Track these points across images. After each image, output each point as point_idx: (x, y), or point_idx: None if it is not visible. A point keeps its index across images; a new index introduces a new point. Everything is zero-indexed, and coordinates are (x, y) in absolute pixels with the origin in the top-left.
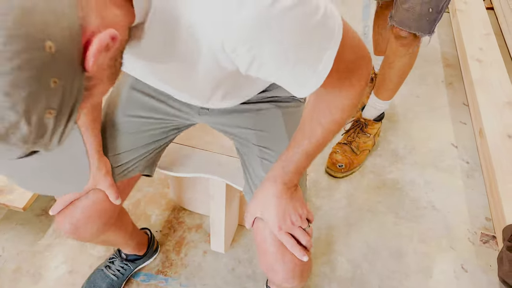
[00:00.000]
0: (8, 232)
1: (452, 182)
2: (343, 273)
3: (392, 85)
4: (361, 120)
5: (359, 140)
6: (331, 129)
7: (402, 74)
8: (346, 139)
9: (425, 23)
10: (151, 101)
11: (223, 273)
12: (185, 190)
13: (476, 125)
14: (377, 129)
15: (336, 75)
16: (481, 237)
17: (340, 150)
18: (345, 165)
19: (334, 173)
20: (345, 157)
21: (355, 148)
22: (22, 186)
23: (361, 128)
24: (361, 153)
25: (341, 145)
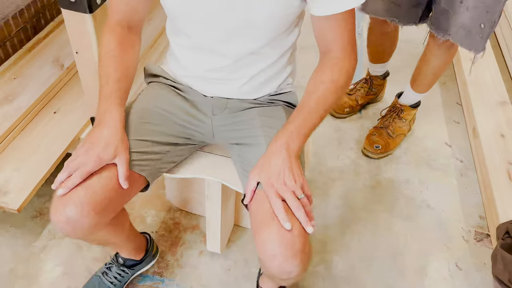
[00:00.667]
0: (3, 234)
1: (446, 181)
2: (338, 272)
3: (427, 81)
4: (397, 106)
5: (395, 125)
6: (330, 89)
7: (438, 71)
8: (382, 123)
9: (478, 39)
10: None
11: (219, 274)
12: (181, 191)
13: (470, 124)
14: (412, 115)
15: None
16: (475, 235)
17: (377, 133)
18: (382, 146)
19: (371, 154)
20: (381, 139)
21: (391, 132)
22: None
23: (397, 114)
24: (397, 137)
25: (377, 128)
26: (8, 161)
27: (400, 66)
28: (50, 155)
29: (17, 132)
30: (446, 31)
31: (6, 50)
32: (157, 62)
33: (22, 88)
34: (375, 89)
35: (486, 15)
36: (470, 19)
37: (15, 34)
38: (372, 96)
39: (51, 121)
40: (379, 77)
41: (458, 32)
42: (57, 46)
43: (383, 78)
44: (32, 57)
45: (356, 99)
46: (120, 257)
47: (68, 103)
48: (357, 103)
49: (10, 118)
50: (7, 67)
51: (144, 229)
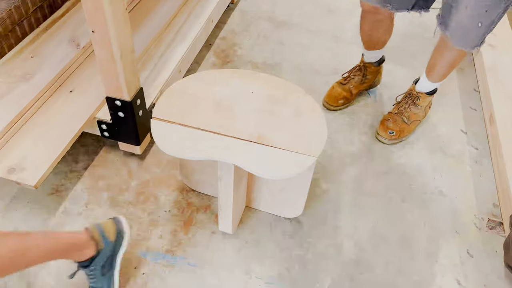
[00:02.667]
0: (20, 210)
1: (460, 168)
2: (348, 255)
3: (442, 72)
4: (414, 93)
5: (410, 111)
6: None
7: (453, 63)
8: (397, 110)
9: (473, 37)
10: None
11: (230, 253)
12: (193, 171)
13: (487, 111)
14: (428, 102)
15: None
16: (488, 223)
17: (391, 119)
18: (396, 132)
19: (384, 140)
20: (396, 125)
21: (406, 118)
22: None
23: (413, 101)
24: (411, 123)
25: (392, 114)
26: (25, 138)
27: (416, 51)
28: (66, 133)
29: (34, 110)
30: (447, 26)
31: (23, 28)
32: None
33: (39, 66)
34: (369, 76)
35: (484, 14)
36: (468, 17)
37: (32, 13)
38: (367, 84)
39: (67, 99)
40: (373, 64)
41: (455, 29)
42: (73, 25)
43: (377, 65)
44: (49, 36)
45: (350, 89)
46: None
47: (83, 82)
48: (351, 94)
49: (27, 96)
50: (24, 46)
51: (157, 208)
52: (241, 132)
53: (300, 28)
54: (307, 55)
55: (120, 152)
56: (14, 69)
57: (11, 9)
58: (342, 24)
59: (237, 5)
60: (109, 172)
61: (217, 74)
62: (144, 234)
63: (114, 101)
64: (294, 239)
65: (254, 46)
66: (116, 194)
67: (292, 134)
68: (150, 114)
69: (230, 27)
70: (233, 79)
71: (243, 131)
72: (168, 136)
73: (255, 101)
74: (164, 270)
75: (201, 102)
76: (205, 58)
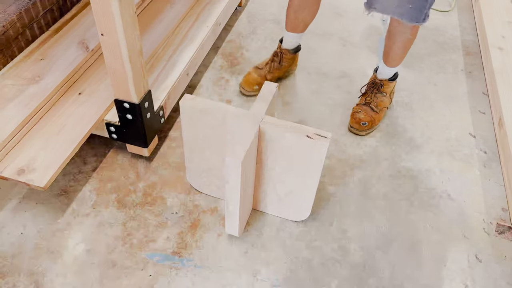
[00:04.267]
0: (29, 210)
1: (469, 172)
2: (355, 259)
3: (397, 56)
4: (377, 81)
5: (377, 99)
6: None
7: (406, 45)
8: (364, 100)
9: (409, 10)
10: None
11: (236, 256)
12: (200, 173)
13: (496, 115)
14: (392, 88)
15: None
16: (497, 227)
17: (361, 110)
18: (368, 122)
19: (358, 131)
20: (367, 115)
21: (375, 107)
22: None
23: (377, 88)
24: (380, 111)
25: (360, 105)
26: (35, 140)
27: (424, 54)
28: (75, 135)
29: (43, 112)
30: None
31: (33, 31)
32: (179, 45)
33: (49, 69)
34: (285, 64)
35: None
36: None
37: (41, 16)
38: (281, 71)
39: (76, 102)
40: (289, 51)
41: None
42: (82, 28)
43: (293, 53)
44: (58, 39)
45: (265, 75)
46: None
47: (92, 84)
48: (265, 79)
49: (36, 98)
50: (34, 48)
51: (164, 210)
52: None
53: (307, 31)
54: (314, 58)
55: (128, 154)
56: (24, 72)
57: (21, 12)
58: (350, 27)
59: (244, 8)
60: (117, 174)
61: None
62: (151, 235)
63: (123, 103)
64: (301, 242)
65: (262, 49)
66: (124, 196)
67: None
68: (158, 117)
69: (237, 30)
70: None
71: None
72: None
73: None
74: (171, 272)
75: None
76: (212, 61)
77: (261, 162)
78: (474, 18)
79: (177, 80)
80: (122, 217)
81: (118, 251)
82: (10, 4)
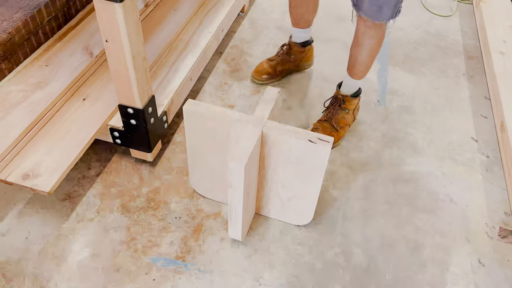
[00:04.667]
0: (34, 215)
1: (471, 176)
2: (357, 264)
3: (363, 66)
4: (339, 97)
5: (338, 116)
6: None
7: (372, 53)
8: (326, 116)
9: (386, 10)
10: None
11: (240, 260)
12: (203, 178)
13: (498, 119)
14: (355, 105)
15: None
16: (500, 231)
17: (321, 127)
18: None
19: None
20: (326, 132)
21: (335, 124)
22: None
23: (339, 105)
24: (341, 128)
25: (321, 122)
26: (39, 145)
27: (426, 59)
28: (79, 140)
29: (48, 118)
30: (360, 8)
31: (38, 37)
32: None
33: (54, 75)
34: (294, 56)
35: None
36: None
37: (47, 23)
38: (292, 64)
39: (80, 107)
40: (297, 44)
41: (370, 8)
42: (87, 34)
43: (302, 46)
44: (63, 45)
45: (275, 66)
46: None
47: (97, 90)
48: (275, 71)
49: (42, 104)
50: (39, 54)
51: (168, 214)
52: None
53: None
54: (316, 63)
55: (132, 159)
56: (29, 78)
57: (27, 18)
58: (351, 32)
59: (247, 14)
60: (121, 179)
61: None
62: (154, 240)
63: (127, 108)
64: (304, 246)
65: (264, 54)
66: (128, 201)
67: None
68: (161, 122)
69: (240, 36)
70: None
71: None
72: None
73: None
74: (175, 276)
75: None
76: (215, 66)
77: (264, 167)
78: (475, 23)
79: (180, 85)
80: (126, 221)
81: (122, 256)
82: (16, 11)
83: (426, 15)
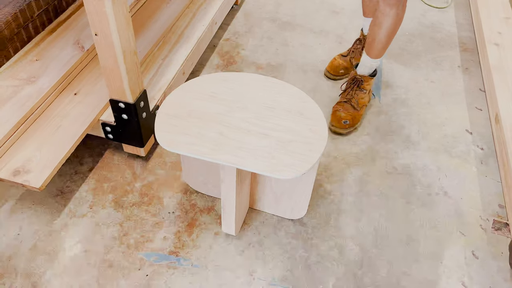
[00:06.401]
0: (25, 211)
1: (466, 169)
2: (352, 257)
3: (381, 45)
4: (357, 77)
5: (357, 96)
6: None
7: (391, 33)
8: (345, 98)
9: None
10: None
11: (233, 255)
12: (197, 173)
13: (492, 111)
14: (371, 85)
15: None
16: (494, 224)
17: (342, 108)
18: (349, 120)
19: (339, 130)
20: (348, 113)
21: (355, 104)
22: None
23: (358, 85)
24: (361, 108)
25: (341, 103)
26: (30, 141)
27: (421, 52)
28: (71, 136)
29: (39, 113)
30: None
31: (28, 32)
32: (175, 46)
33: (44, 69)
34: None
35: None
36: None
37: (37, 16)
38: None
39: (71, 102)
40: None
41: None
42: (77, 28)
43: None
44: (54, 39)
45: (350, 60)
46: None
47: (88, 85)
48: (351, 64)
49: (32, 99)
50: (29, 49)
51: (161, 210)
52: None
53: (304, 29)
54: (311, 56)
55: (125, 154)
56: (20, 72)
57: (17, 12)
58: (346, 24)
59: (241, 6)
60: (114, 174)
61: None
62: (148, 235)
63: (118, 103)
64: (298, 240)
65: (258, 47)
66: (121, 196)
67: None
68: (153, 116)
69: (234, 29)
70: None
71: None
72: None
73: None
74: (168, 271)
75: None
76: (209, 59)
77: None
78: (470, 15)
79: (172, 79)
80: (119, 217)
81: (115, 251)
82: (5, 5)
83: (421, 7)
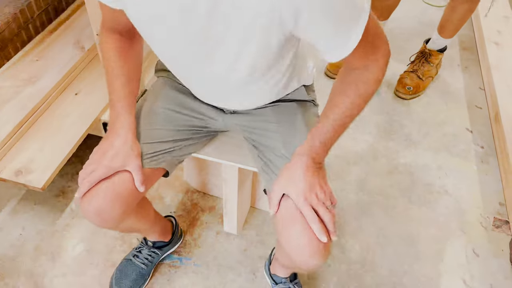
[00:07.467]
0: (28, 212)
1: (466, 167)
2: (353, 256)
3: (453, 27)
4: (426, 51)
5: (424, 68)
6: (356, 102)
7: (463, 17)
8: (412, 68)
9: None
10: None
11: (235, 254)
12: (198, 172)
13: (492, 110)
14: (439, 60)
15: (363, 46)
16: (494, 222)
17: (408, 76)
18: (413, 87)
19: (402, 95)
20: (412, 81)
21: (421, 75)
22: None
23: (426, 58)
24: (426, 79)
25: (408, 72)
26: (32, 141)
27: None
28: (72, 135)
29: (40, 113)
30: None
31: (28, 32)
32: None
33: (45, 70)
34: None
35: None
36: None
37: (37, 16)
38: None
39: (72, 102)
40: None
41: None
42: (78, 28)
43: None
44: (54, 39)
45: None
46: (149, 241)
47: (88, 84)
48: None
49: (33, 99)
50: (30, 49)
51: (163, 209)
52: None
53: None
54: None
55: None
56: (20, 73)
57: (17, 12)
58: None
59: None
60: None
61: None
62: None
63: None
64: None
65: None
66: None
67: None
68: None
69: None
70: None
71: None
72: None
73: None
74: (170, 270)
75: None
76: None
77: None
78: None
79: None
80: None
81: (117, 251)
82: (5, 5)
83: (420, 6)
